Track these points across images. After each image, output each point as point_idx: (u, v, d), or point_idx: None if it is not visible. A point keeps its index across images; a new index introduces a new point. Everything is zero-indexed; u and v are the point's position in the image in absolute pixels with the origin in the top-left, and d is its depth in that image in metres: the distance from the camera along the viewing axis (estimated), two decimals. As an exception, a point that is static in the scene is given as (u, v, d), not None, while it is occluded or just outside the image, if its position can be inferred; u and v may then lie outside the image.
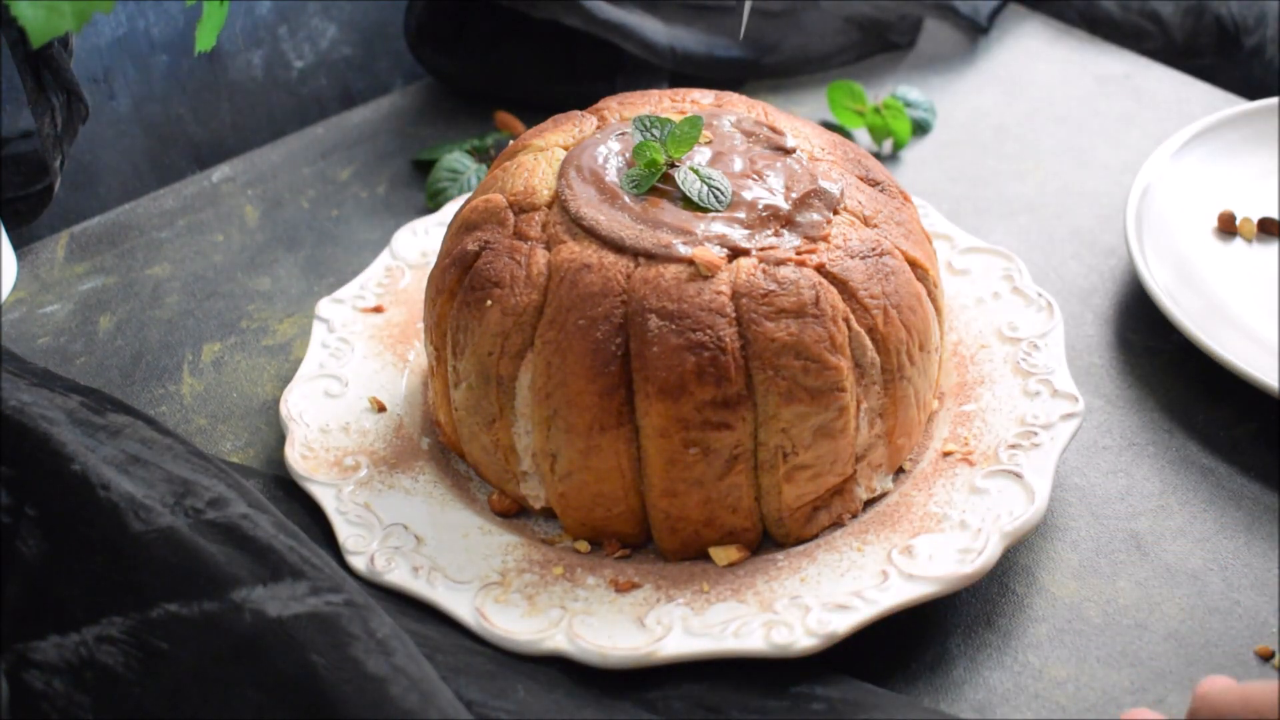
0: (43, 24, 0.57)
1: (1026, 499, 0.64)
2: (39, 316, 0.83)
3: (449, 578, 0.63)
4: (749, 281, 0.62)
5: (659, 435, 0.61)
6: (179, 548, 0.55)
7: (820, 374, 0.61)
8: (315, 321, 0.76)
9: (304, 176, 0.94)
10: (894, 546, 0.63)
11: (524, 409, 0.64)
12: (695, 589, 0.62)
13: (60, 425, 0.59)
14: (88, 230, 0.90)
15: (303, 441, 0.69)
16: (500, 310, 0.64)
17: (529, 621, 0.61)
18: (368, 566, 0.63)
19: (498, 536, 0.65)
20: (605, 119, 0.72)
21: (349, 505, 0.66)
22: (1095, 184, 0.91)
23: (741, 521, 0.64)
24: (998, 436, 0.68)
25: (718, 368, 0.60)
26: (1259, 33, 1.01)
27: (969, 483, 0.66)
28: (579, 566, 0.64)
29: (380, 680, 0.52)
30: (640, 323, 0.61)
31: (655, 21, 0.98)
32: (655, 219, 0.64)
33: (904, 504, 0.66)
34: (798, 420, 0.62)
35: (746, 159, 0.68)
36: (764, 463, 0.62)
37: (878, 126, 0.93)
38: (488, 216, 0.67)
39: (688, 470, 0.62)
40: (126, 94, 0.95)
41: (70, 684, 0.52)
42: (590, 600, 0.62)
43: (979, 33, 1.06)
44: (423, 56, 1.00)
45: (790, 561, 0.63)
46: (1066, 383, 0.70)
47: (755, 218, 0.65)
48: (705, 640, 0.59)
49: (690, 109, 0.72)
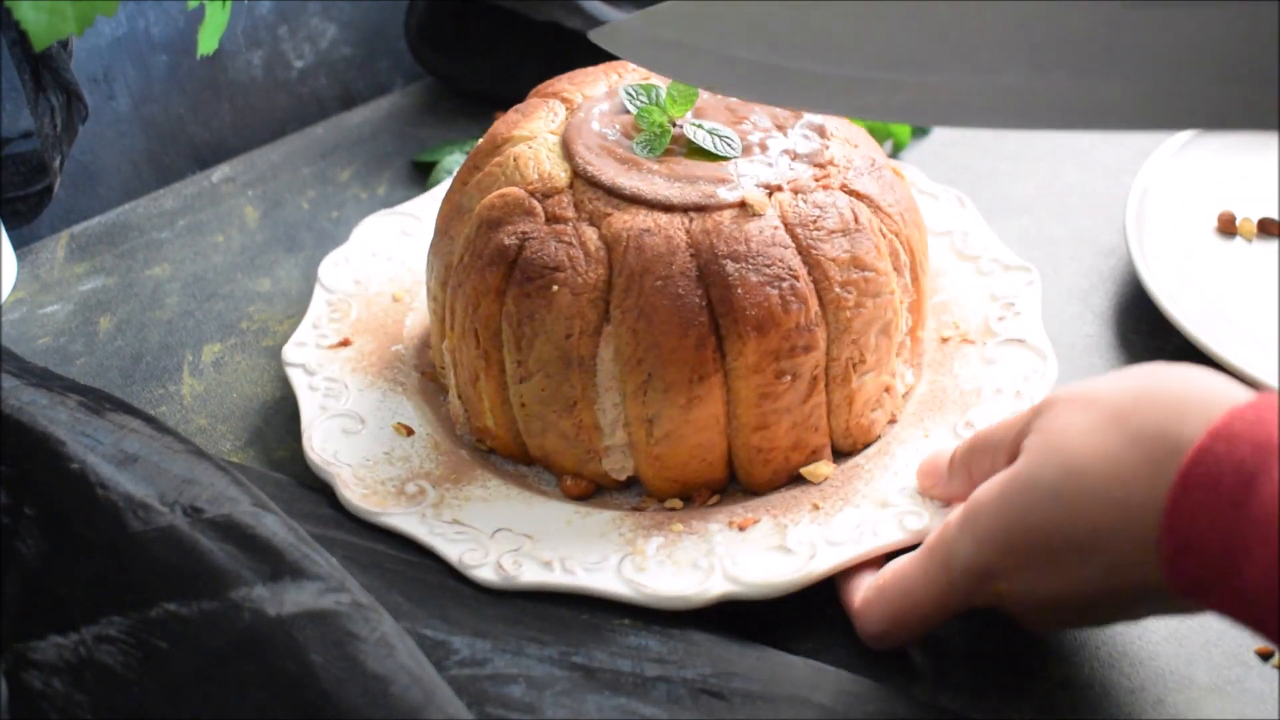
0: (45, 26, 0.57)
1: (1039, 358, 0.72)
2: (39, 316, 0.83)
3: (583, 563, 0.63)
4: (795, 212, 0.66)
5: (753, 372, 0.64)
6: (179, 547, 0.55)
7: (876, 281, 0.67)
8: (289, 369, 0.74)
9: (304, 177, 0.94)
10: (954, 424, 0.69)
11: (608, 382, 0.65)
12: (808, 509, 0.66)
13: (59, 424, 0.59)
14: (88, 230, 0.90)
15: (355, 481, 0.68)
16: (570, 292, 0.64)
17: (683, 578, 0.62)
18: (498, 574, 0.63)
19: (597, 515, 0.66)
20: (570, 99, 0.73)
21: (440, 526, 0.66)
22: (1095, 184, 0.91)
23: (821, 439, 0.68)
24: (981, 314, 0.75)
25: (797, 295, 0.64)
26: (1259, 33, 1.01)
27: (980, 357, 0.73)
28: (692, 519, 0.66)
29: (381, 679, 0.52)
30: (717, 270, 0.64)
31: (655, 22, 0.98)
32: (686, 174, 0.67)
33: (935, 389, 0.72)
34: (865, 328, 0.67)
35: (725, 108, 0.71)
36: (836, 377, 0.67)
37: (878, 128, 0.93)
38: (511, 210, 0.67)
39: (778, 400, 0.65)
40: (126, 94, 0.95)
41: (70, 684, 0.52)
42: (723, 543, 0.64)
43: (979, 33, 1.06)
44: (423, 56, 1.00)
45: (872, 462, 0.68)
46: (1010, 256, 0.78)
47: (768, 155, 0.69)
48: (849, 548, 0.63)
49: (634, 77, 0.75)
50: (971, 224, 0.81)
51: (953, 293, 0.77)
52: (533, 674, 0.59)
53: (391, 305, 0.79)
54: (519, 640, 0.60)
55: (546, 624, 0.62)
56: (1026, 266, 0.77)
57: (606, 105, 0.72)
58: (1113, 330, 0.80)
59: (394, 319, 0.78)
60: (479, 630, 0.61)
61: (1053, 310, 0.81)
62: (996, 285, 0.77)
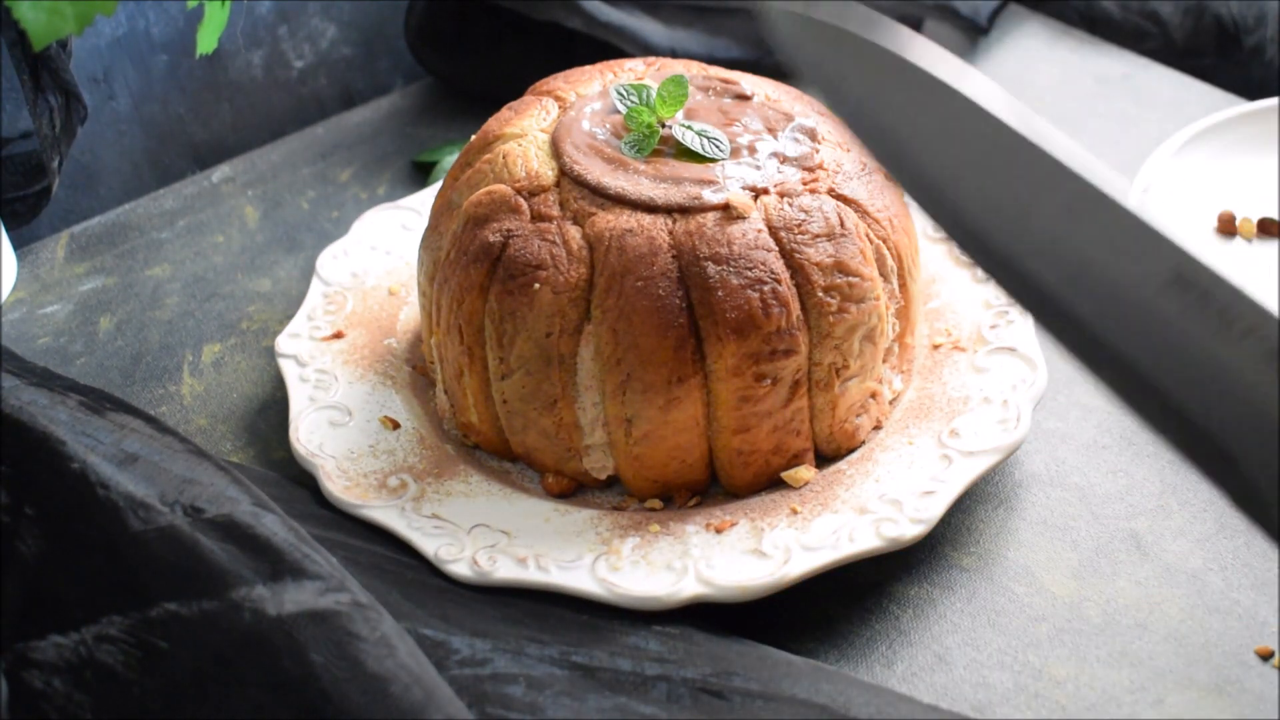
0: (44, 26, 0.57)
1: (1029, 367, 0.71)
2: (39, 316, 0.83)
3: (558, 560, 0.63)
4: (780, 215, 0.66)
5: (732, 375, 0.64)
6: (179, 547, 0.55)
7: (860, 286, 0.66)
8: (280, 360, 0.74)
9: (304, 177, 0.94)
10: (939, 433, 0.68)
11: (588, 382, 0.65)
12: (786, 513, 0.65)
13: (60, 424, 0.59)
14: (88, 230, 0.90)
15: (338, 473, 0.68)
16: (551, 290, 0.64)
17: (656, 579, 0.62)
18: (472, 570, 0.63)
19: (576, 514, 0.66)
20: (562, 98, 0.73)
21: (419, 520, 0.66)
22: (1095, 184, 0.91)
23: (803, 443, 0.68)
24: (974, 322, 0.75)
25: (778, 298, 0.64)
26: (1259, 33, 1.01)
27: (971, 365, 0.72)
28: (670, 520, 0.66)
29: (381, 679, 0.52)
30: (698, 272, 0.64)
31: (655, 23, 0.98)
32: (672, 175, 0.67)
33: (923, 396, 0.71)
34: (848, 334, 0.66)
35: (717, 109, 0.71)
36: (819, 382, 0.67)
37: (878, 127, 0.93)
38: (497, 207, 0.67)
39: (759, 404, 0.65)
40: (126, 94, 0.95)
41: (70, 683, 0.52)
42: (699, 545, 0.64)
43: (979, 33, 1.06)
44: (423, 56, 1.00)
45: (855, 468, 0.68)
46: None
47: (757, 158, 0.68)
48: (825, 553, 0.63)
49: (629, 77, 0.75)
50: None
51: (948, 299, 0.77)
52: (533, 674, 0.59)
53: (387, 299, 0.79)
54: (519, 640, 0.60)
55: (546, 624, 0.62)
56: None
57: (599, 104, 0.72)
58: (1113, 330, 0.80)
59: (389, 313, 0.78)
60: (479, 630, 0.61)
61: (1053, 310, 0.81)
62: (991, 293, 0.76)
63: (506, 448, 0.70)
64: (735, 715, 0.57)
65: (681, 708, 0.58)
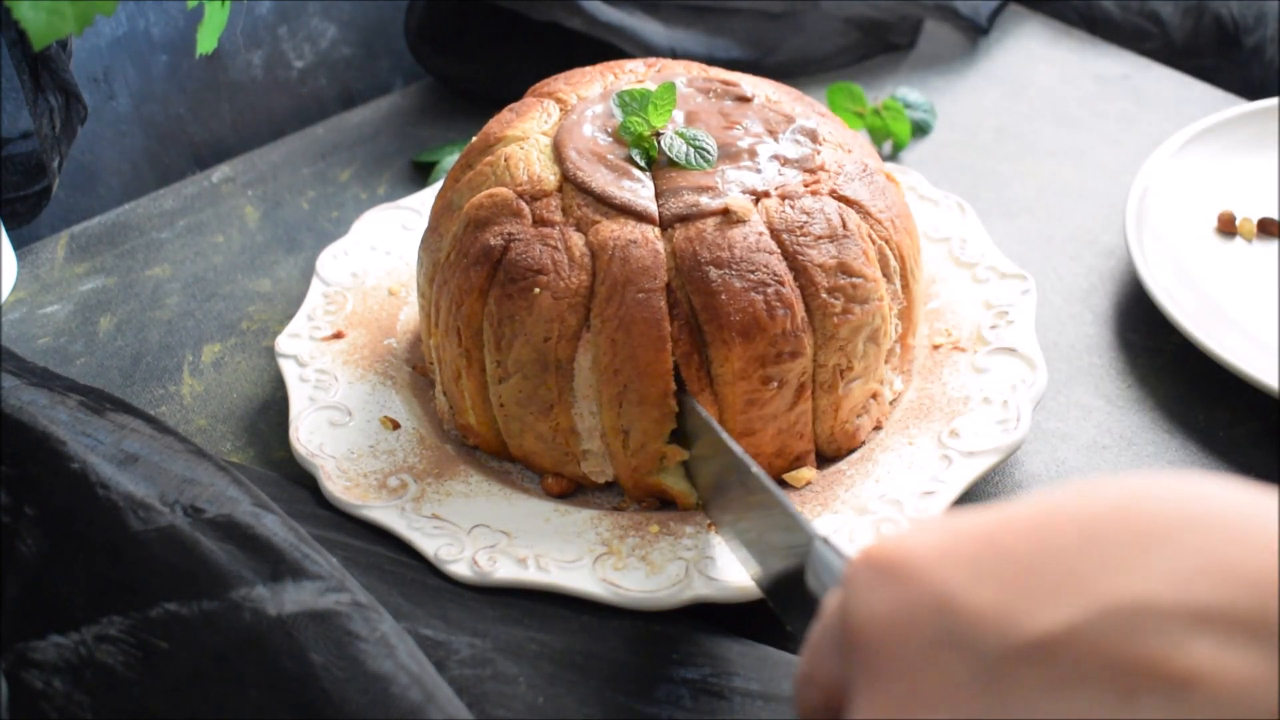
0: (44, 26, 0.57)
1: (1029, 368, 0.71)
2: (39, 316, 0.83)
3: (559, 561, 0.63)
4: (781, 218, 0.66)
5: (739, 379, 0.64)
6: (179, 547, 0.55)
7: (864, 287, 0.66)
8: (281, 360, 0.74)
9: (304, 177, 0.94)
10: (939, 433, 0.68)
11: (585, 389, 0.65)
12: None
13: (60, 424, 0.59)
14: (88, 230, 0.90)
15: (338, 473, 0.68)
16: (551, 295, 0.64)
17: (657, 578, 0.62)
18: (472, 570, 0.63)
19: (576, 514, 0.66)
20: (564, 100, 0.73)
21: (419, 520, 0.66)
22: (1095, 184, 0.91)
23: (805, 445, 0.68)
24: (974, 322, 0.75)
25: (782, 300, 0.64)
26: (1259, 33, 1.01)
27: (971, 365, 0.72)
28: (671, 521, 0.65)
29: (381, 678, 0.52)
30: (700, 277, 0.64)
31: (655, 24, 0.98)
32: (673, 184, 0.67)
33: (924, 397, 0.71)
34: (853, 335, 0.66)
35: (718, 112, 0.71)
36: (823, 384, 0.66)
37: (878, 128, 0.93)
38: (499, 211, 0.67)
39: (764, 406, 0.65)
40: (126, 94, 0.95)
41: (70, 683, 0.52)
42: (699, 546, 0.64)
43: (979, 33, 1.06)
44: (423, 56, 1.00)
45: (855, 469, 0.68)
46: (1007, 264, 0.78)
47: (757, 161, 0.68)
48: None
49: (630, 79, 0.75)
50: (970, 231, 0.81)
51: (948, 300, 0.77)
52: (533, 674, 0.59)
53: (387, 299, 0.79)
54: (519, 640, 0.60)
55: (547, 624, 0.62)
56: (1022, 274, 0.77)
57: (600, 107, 0.72)
58: (1113, 330, 0.80)
59: (389, 313, 0.78)
60: (479, 630, 0.61)
61: (1052, 311, 0.81)
62: (992, 293, 0.76)
63: (505, 450, 0.70)
64: (735, 715, 0.57)
65: (681, 708, 0.58)
